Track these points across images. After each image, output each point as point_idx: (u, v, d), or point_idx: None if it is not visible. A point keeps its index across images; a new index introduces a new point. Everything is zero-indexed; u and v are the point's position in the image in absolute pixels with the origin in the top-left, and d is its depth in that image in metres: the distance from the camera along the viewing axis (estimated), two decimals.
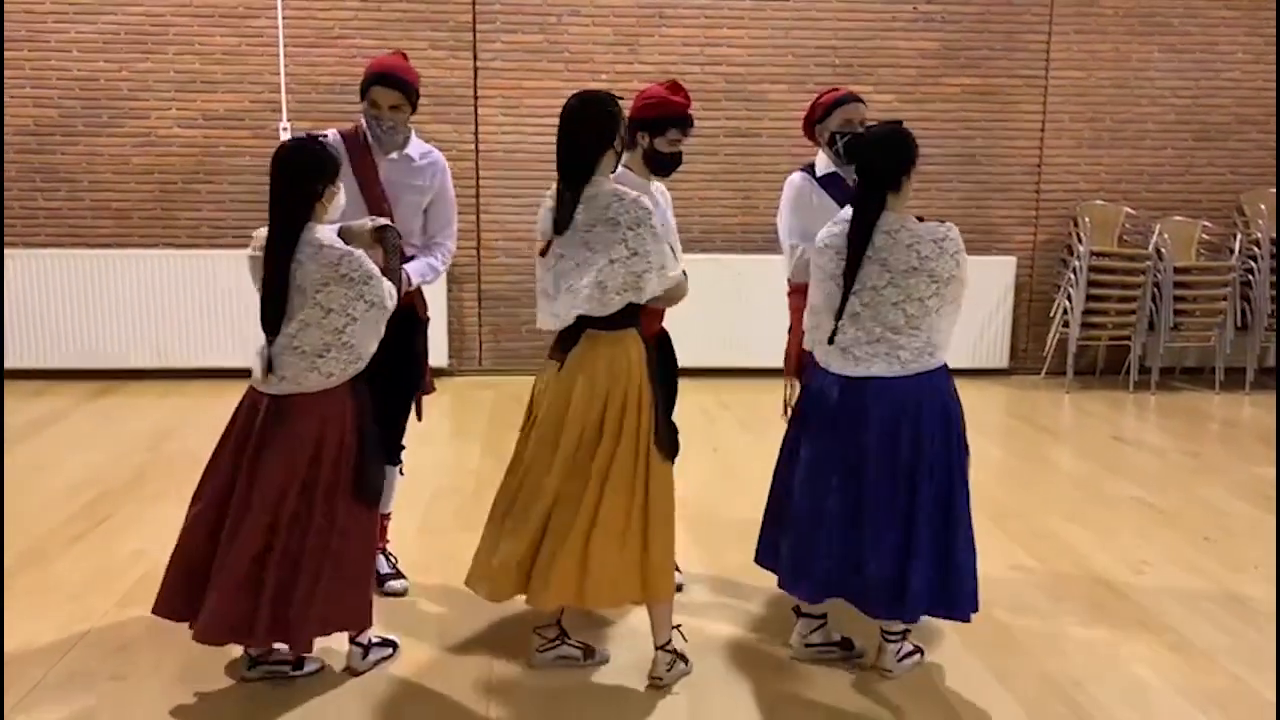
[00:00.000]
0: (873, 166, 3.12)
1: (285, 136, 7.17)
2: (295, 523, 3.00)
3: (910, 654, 3.33)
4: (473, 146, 7.33)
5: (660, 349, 3.54)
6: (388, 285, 3.05)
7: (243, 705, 3.06)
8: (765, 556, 3.42)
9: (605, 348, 3.07)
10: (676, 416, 3.53)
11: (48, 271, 7.12)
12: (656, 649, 3.21)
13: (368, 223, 3.26)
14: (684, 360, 3.79)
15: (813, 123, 3.81)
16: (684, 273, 3.17)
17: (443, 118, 7.28)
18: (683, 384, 3.84)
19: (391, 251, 3.20)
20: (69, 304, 7.16)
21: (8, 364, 7.16)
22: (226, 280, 7.20)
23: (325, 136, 3.17)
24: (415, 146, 3.67)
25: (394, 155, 3.62)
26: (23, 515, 4.58)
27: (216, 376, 7.30)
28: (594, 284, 3.01)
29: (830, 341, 3.16)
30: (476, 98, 7.29)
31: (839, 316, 3.12)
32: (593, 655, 3.33)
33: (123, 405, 6.65)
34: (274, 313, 2.93)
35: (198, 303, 7.23)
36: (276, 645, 3.14)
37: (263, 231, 3.01)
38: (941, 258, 3.06)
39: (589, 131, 3.04)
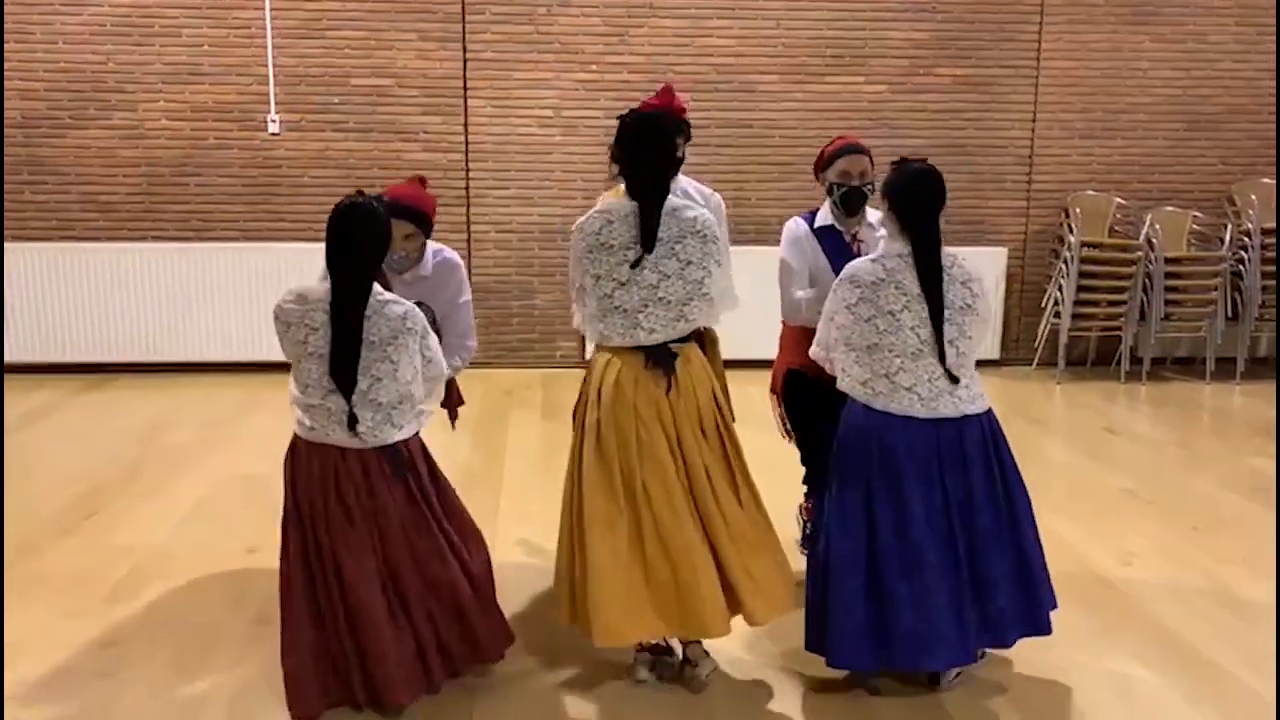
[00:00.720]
0: (920, 203, 3.03)
1: (274, 129, 7.14)
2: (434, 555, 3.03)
3: None
4: (462, 139, 7.30)
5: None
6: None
7: (228, 704, 3.06)
8: (854, 651, 3.02)
9: (697, 359, 3.14)
10: None
11: (35, 265, 7.07)
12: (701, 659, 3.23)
13: None
14: None
15: (818, 170, 3.84)
16: None
17: (431, 110, 7.24)
18: None
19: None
20: (57, 298, 7.12)
21: None
22: (216, 273, 7.17)
23: (378, 202, 3.09)
24: (426, 260, 3.54)
25: (407, 277, 3.51)
26: (14, 510, 4.56)
27: (207, 370, 7.27)
28: (701, 297, 3.06)
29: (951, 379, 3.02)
30: (466, 90, 7.25)
31: (942, 359, 3.00)
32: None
33: (113, 399, 6.63)
34: (349, 369, 2.89)
35: (187, 296, 7.19)
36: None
37: (299, 287, 2.98)
38: (984, 295, 3.12)
39: (668, 149, 3.10)
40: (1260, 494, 5.03)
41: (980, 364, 3.24)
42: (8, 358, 7.12)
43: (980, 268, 3.19)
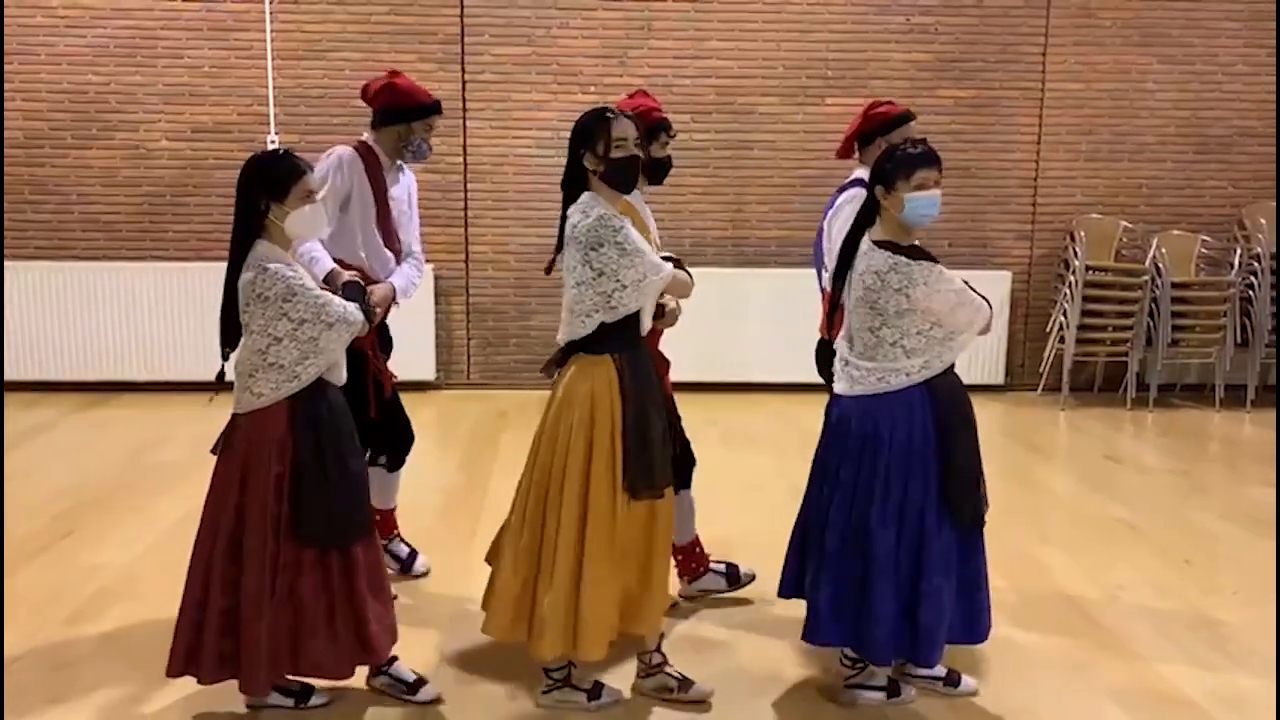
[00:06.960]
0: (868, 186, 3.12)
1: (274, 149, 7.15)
2: (233, 550, 2.92)
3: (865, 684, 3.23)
4: (460, 160, 7.29)
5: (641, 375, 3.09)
6: (337, 302, 2.96)
7: None
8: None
9: (579, 372, 3.01)
10: None
11: (36, 284, 7.11)
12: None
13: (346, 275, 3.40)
14: (673, 375, 3.68)
15: (865, 136, 3.76)
16: (680, 263, 3.12)
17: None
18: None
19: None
20: (58, 316, 7.15)
21: None
22: (216, 293, 7.06)
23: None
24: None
25: (399, 170, 3.83)
26: None
27: (205, 389, 7.27)
28: (566, 308, 3.00)
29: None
30: (465, 111, 7.25)
31: (848, 336, 3.14)
32: (599, 695, 3.15)
33: (109, 418, 6.64)
34: (227, 331, 3.00)
35: (186, 316, 7.21)
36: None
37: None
38: (884, 291, 2.94)
39: (574, 148, 3.07)
40: (1259, 525, 4.89)
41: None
42: (8, 375, 7.15)
43: (985, 290, 3.15)
